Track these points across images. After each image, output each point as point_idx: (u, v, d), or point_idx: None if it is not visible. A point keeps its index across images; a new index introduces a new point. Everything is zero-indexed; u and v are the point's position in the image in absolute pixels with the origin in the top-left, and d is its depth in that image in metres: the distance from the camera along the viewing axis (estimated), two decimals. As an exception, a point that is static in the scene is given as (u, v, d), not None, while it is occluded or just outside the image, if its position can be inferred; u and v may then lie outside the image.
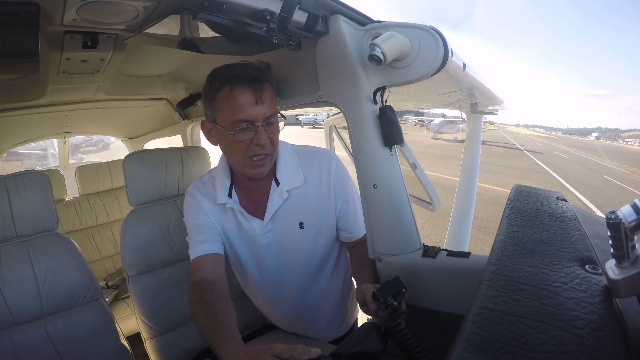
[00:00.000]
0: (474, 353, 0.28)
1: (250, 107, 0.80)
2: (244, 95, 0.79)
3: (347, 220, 0.96)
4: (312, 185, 0.93)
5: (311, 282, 0.99)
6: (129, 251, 1.05)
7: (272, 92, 0.85)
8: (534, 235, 0.45)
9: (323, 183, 0.93)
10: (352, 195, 0.96)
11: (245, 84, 0.79)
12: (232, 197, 0.93)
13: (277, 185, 0.91)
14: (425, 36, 0.73)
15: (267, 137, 0.82)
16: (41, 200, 0.95)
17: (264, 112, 0.81)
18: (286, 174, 0.92)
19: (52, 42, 0.89)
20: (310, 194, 0.93)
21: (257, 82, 0.80)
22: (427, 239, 3.90)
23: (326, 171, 0.93)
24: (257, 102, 0.80)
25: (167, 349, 1.08)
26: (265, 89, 0.82)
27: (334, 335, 1.08)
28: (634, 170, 15.66)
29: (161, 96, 1.84)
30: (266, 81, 0.83)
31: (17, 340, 0.86)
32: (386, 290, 0.65)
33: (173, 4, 0.65)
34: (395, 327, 0.64)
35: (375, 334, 0.64)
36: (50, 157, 8.06)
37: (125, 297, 1.93)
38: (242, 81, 0.79)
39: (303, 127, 23.98)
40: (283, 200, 0.91)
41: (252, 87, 0.79)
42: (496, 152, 17.81)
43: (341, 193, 0.94)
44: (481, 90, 1.36)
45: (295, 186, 0.92)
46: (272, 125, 0.84)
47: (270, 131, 0.84)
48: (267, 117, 0.82)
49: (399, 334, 0.64)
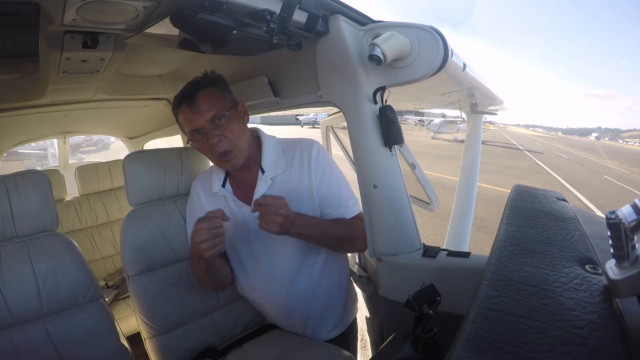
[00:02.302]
0: (474, 353, 0.28)
1: (190, 119, 0.93)
2: (183, 113, 0.94)
3: (329, 200, 1.00)
4: (294, 171, 1.00)
5: (302, 268, 1.00)
6: (129, 251, 1.05)
7: (213, 95, 0.94)
8: (534, 235, 0.45)
9: (304, 168, 0.99)
10: (334, 177, 1.01)
11: (182, 103, 0.94)
12: (225, 187, 1.03)
13: (262, 174, 0.99)
14: (425, 36, 0.73)
15: (218, 135, 0.92)
16: (41, 200, 0.95)
17: (204, 118, 0.91)
18: (270, 162, 1.00)
19: (52, 42, 0.89)
20: (293, 179, 0.99)
21: (188, 96, 0.93)
22: (427, 239, 3.90)
23: (307, 156, 0.99)
24: (194, 113, 0.92)
25: (167, 348, 1.07)
26: (199, 97, 0.92)
27: (333, 334, 1.08)
28: (634, 170, 15.66)
29: (161, 96, 1.84)
30: (202, 89, 0.93)
31: (17, 340, 0.86)
32: (421, 299, 0.62)
33: (173, 4, 0.65)
34: (432, 337, 0.61)
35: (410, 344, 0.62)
36: (50, 157, 8.06)
37: (125, 297, 1.92)
38: (179, 102, 0.94)
39: (303, 127, 23.98)
40: (267, 186, 0.98)
41: (186, 103, 0.93)
42: (496, 152, 17.80)
43: (318, 174, 0.99)
44: (481, 90, 1.36)
45: (278, 173, 0.99)
46: (219, 121, 0.92)
47: (220, 128, 0.92)
48: (210, 119, 0.91)
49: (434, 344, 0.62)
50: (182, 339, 1.09)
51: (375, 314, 1.13)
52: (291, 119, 23.23)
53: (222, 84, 0.98)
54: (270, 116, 16.67)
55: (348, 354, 1.00)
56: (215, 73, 0.98)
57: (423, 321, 0.63)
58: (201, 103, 0.92)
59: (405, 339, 0.63)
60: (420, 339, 0.63)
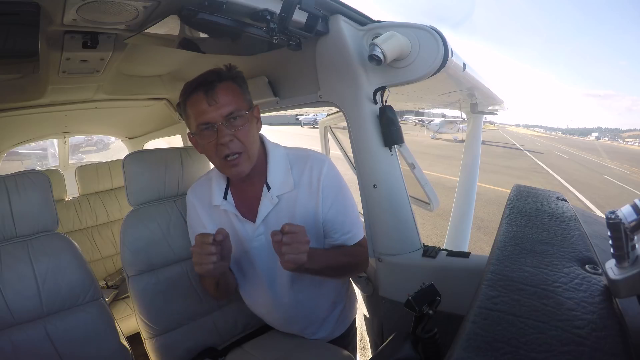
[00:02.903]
0: (474, 353, 0.28)
1: (204, 109, 0.82)
2: (197, 100, 0.83)
3: (335, 225, 0.93)
4: (302, 191, 0.92)
5: (304, 286, 0.99)
6: (129, 251, 1.05)
7: (234, 90, 0.85)
8: (534, 235, 0.44)
9: (313, 188, 0.92)
10: (343, 200, 0.94)
11: (199, 89, 0.82)
12: (227, 199, 0.95)
13: (267, 190, 0.91)
14: (425, 36, 0.73)
15: (230, 135, 0.83)
16: (41, 200, 0.95)
17: (220, 112, 0.82)
18: (277, 178, 0.92)
19: (52, 42, 0.89)
20: (300, 199, 0.92)
21: (208, 84, 0.82)
22: (427, 239, 3.90)
23: (316, 176, 0.91)
24: (209, 104, 0.81)
25: (167, 348, 1.07)
26: (219, 89, 0.82)
27: (332, 336, 1.08)
28: (634, 170, 15.66)
29: (161, 96, 1.84)
30: (223, 81, 0.84)
31: (17, 340, 0.86)
32: (421, 299, 0.62)
33: (173, 4, 0.65)
34: (432, 337, 0.62)
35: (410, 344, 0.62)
36: (50, 157, 8.06)
37: (125, 297, 1.92)
38: (195, 87, 0.83)
39: (303, 127, 23.98)
40: (273, 205, 0.91)
41: (203, 91, 0.82)
42: (496, 152, 17.80)
43: (328, 197, 0.92)
44: (481, 90, 1.37)
45: (285, 191, 0.91)
46: (235, 121, 0.83)
47: (234, 128, 0.83)
48: (225, 116, 0.82)
49: (434, 344, 0.62)
50: (182, 339, 1.09)
51: (375, 314, 1.13)
52: (291, 119, 23.23)
53: (243, 83, 0.89)
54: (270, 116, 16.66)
55: (348, 354, 1.00)
56: (237, 69, 0.89)
57: (423, 321, 0.63)
58: (220, 95, 0.82)
59: (405, 339, 0.63)
60: (420, 339, 0.63)
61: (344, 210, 0.94)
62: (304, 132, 18.64)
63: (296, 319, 1.03)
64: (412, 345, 0.63)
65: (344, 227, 0.94)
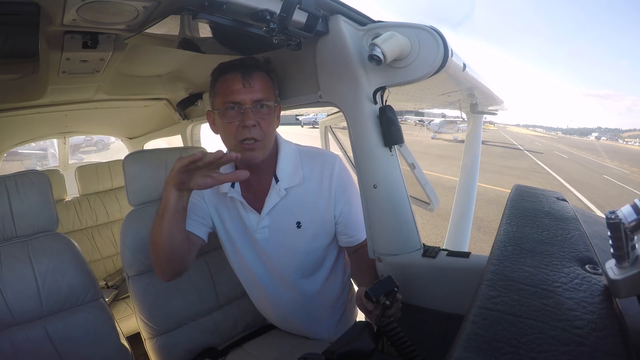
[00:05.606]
0: (474, 353, 0.28)
1: (237, 89, 0.84)
2: (232, 79, 0.85)
3: (347, 224, 0.96)
4: (312, 185, 0.94)
5: (308, 282, 0.99)
6: (129, 251, 1.05)
7: (267, 82, 0.89)
8: (534, 235, 0.44)
9: (324, 185, 0.93)
10: (354, 199, 0.97)
11: (236, 70, 0.85)
12: (234, 187, 0.96)
13: (276, 182, 0.93)
14: (425, 36, 0.73)
15: (255, 120, 0.85)
16: (41, 200, 0.95)
17: (252, 96, 0.84)
18: (286, 171, 0.93)
19: (52, 42, 0.89)
20: (310, 194, 0.93)
21: (246, 67, 0.85)
22: (428, 239, 3.90)
23: (328, 173, 0.94)
24: (244, 86, 0.84)
25: (167, 349, 1.07)
26: (256, 75, 0.86)
27: (334, 336, 1.08)
28: (634, 170, 15.66)
29: (161, 96, 1.84)
30: (261, 71, 0.88)
31: (17, 340, 0.86)
32: (378, 289, 0.66)
33: (173, 4, 0.65)
34: (387, 325, 0.64)
35: (367, 333, 0.64)
36: (50, 157, 8.05)
37: (125, 297, 1.92)
38: (233, 68, 0.86)
39: (303, 127, 23.97)
40: (280, 197, 0.93)
41: (241, 72, 0.85)
42: (496, 152, 17.80)
43: (342, 197, 0.94)
44: (481, 90, 1.36)
45: (293, 184, 0.93)
46: (261, 109, 0.86)
47: (260, 115, 0.86)
48: (255, 101, 0.85)
49: (391, 332, 0.64)
50: (182, 339, 1.09)
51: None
52: (291, 119, 23.22)
53: (276, 78, 0.93)
54: (270, 116, 16.52)
55: (348, 354, 1.00)
56: (273, 65, 0.93)
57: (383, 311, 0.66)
58: (256, 81, 0.86)
59: (364, 329, 0.65)
60: (381, 329, 0.65)
61: (355, 208, 0.96)
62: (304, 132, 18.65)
63: (299, 317, 1.03)
64: (371, 334, 0.65)
65: (356, 225, 0.96)
